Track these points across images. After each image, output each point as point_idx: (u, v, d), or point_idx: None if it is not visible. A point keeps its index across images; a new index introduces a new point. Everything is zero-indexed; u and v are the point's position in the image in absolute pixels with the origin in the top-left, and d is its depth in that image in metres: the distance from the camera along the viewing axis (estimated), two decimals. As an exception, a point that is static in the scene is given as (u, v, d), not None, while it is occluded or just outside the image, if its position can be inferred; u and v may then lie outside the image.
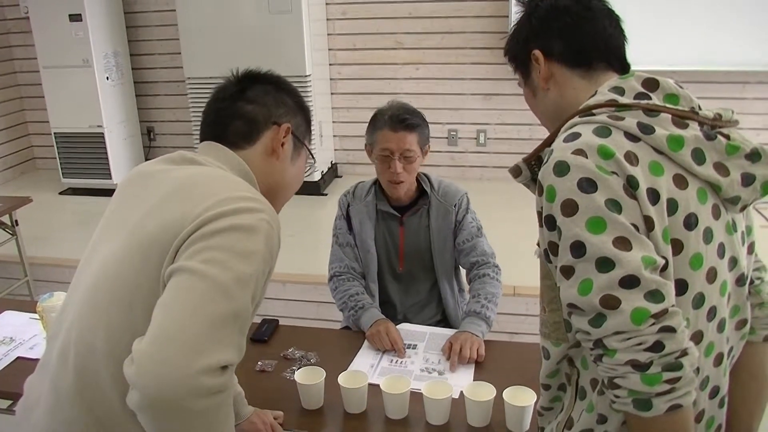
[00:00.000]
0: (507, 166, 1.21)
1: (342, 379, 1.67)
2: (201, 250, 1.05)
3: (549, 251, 1.07)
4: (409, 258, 2.23)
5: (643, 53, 4.13)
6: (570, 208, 1.00)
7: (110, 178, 5.02)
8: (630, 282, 0.95)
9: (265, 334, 2.03)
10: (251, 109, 1.31)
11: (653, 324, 0.95)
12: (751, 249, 1.19)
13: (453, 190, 2.22)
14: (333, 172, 5.30)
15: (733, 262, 1.11)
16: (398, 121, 2.06)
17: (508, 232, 2.73)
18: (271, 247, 1.12)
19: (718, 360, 1.12)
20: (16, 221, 3.60)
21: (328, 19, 5.07)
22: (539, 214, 1.07)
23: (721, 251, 1.08)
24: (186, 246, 1.07)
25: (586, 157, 1.00)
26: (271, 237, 1.12)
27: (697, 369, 1.03)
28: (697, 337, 1.07)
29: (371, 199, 2.21)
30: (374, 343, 1.97)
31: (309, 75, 4.63)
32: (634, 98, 1.08)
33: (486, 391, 1.60)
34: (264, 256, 1.10)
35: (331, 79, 5.19)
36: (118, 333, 1.09)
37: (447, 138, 5.13)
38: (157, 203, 1.16)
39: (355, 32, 5.07)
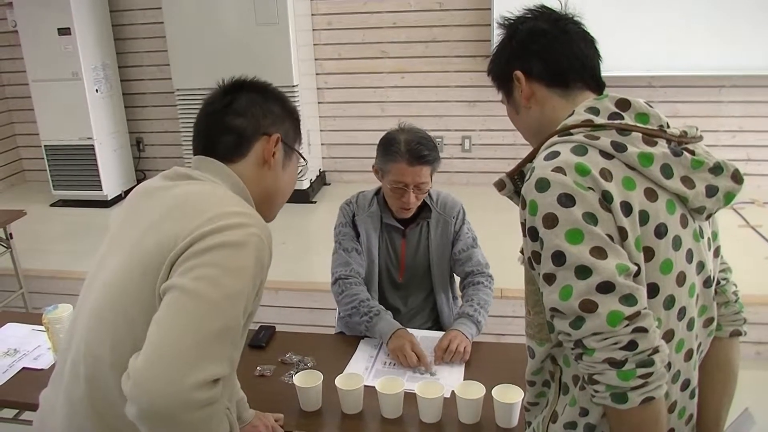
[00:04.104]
0: (492, 172, 1.29)
1: (339, 381, 1.72)
2: (192, 267, 1.10)
3: (532, 259, 1.14)
4: (409, 269, 2.28)
5: (622, 59, 4.25)
6: (551, 220, 1.07)
7: (101, 190, 5.04)
8: (606, 287, 1.03)
9: (262, 340, 2.08)
10: (240, 123, 1.33)
11: (627, 325, 1.03)
12: (716, 253, 1.28)
13: (451, 202, 2.27)
14: (321, 180, 5.32)
15: (700, 266, 1.19)
16: (416, 156, 2.05)
17: (494, 237, 2.80)
18: (261, 260, 1.16)
19: (688, 355, 1.20)
20: (11, 234, 3.61)
21: (313, 30, 5.12)
22: (523, 225, 1.15)
23: (689, 256, 1.16)
24: (179, 263, 1.12)
25: (565, 174, 1.07)
26: (262, 250, 1.16)
27: (669, 364, 1.12)
28: (669, 335, 1.15)
29: (375, 210, 2.25)
30: (398, 358, 1.94)
31: (296, 85, 4.68)
32: (608, 118, 1.15)
33: (476, 390, 1.67)
34: (254, 270, 1.14)
35: (317, 88, 5.24)
36: (122, 345, 1.15)
37: (433, 144, 5.20)
38: (154, 222, 1.21)
39: (341, 42, 5.13)
